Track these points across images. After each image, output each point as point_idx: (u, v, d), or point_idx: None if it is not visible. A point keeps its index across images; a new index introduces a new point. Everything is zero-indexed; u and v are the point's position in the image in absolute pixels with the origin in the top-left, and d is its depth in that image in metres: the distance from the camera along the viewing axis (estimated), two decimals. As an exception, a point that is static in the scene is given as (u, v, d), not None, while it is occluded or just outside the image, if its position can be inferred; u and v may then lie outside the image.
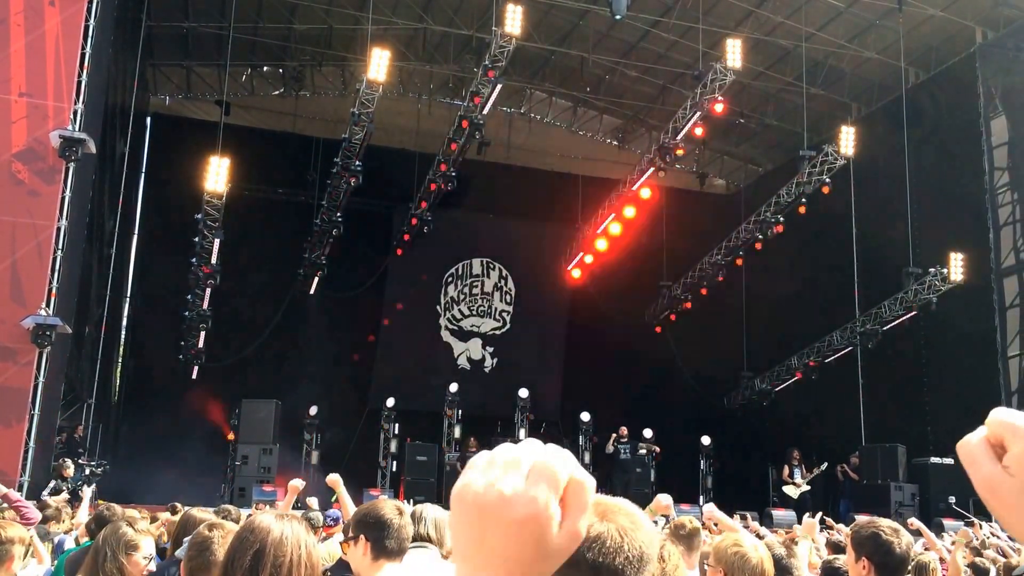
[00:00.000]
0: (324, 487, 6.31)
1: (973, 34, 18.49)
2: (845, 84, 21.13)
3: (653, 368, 22.84)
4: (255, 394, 17.75)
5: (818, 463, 17.67)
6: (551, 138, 24.57)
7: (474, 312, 23.53)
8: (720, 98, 17.15)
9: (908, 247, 17.88)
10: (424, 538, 3.47)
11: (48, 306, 11.78)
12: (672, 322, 23.45)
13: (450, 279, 23.50)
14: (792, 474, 17.90)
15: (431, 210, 19.76)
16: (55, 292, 11.92)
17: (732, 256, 20.91)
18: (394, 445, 18.86)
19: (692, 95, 17.93)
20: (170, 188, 20.47)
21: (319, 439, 18.77)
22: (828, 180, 18.25)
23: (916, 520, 9.66)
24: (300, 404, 18.52)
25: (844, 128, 18.01)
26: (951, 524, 13.41)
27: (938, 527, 12.89)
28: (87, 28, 12.51)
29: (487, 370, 23.17)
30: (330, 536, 6.78)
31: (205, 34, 20.41)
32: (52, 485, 11.88)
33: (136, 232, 21.55)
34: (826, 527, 10.09)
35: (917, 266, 17.68)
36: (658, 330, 23.71)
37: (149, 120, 22.04)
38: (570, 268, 23.18)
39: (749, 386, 22.30)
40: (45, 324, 11.56)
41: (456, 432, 18.75)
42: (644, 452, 18.52)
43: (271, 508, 7.01)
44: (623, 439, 18.56)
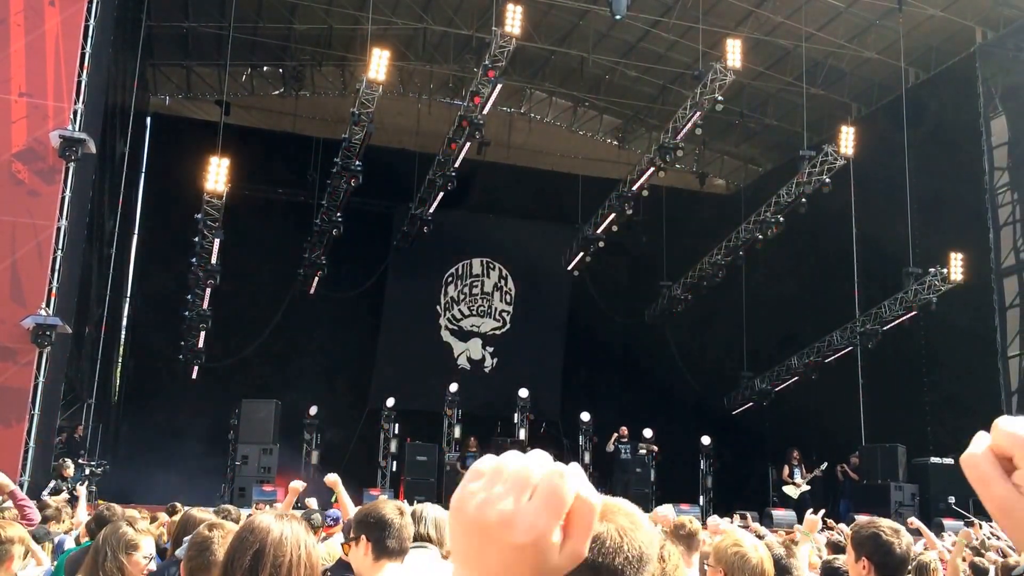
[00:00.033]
0: (324, 487, 6.30)
1: (973, 34, 18.49)
2: (845, 84, 21.13)
3: (653, 368, 22.84)
4: (255, 394, 17.76)
5: (818, 463, 17.65)
6: (551, 138, 24.56)
7: (474, 312, 23.52)
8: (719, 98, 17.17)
9: (908, 247, 17.87)
10: (425, 538, 3.47)
11: (48, 306, 11.78)
12: (672, 322, 23.45)
13: (450, 279, 23.49)
14: (792, 474, 17.89)
15: (431, 210, 19.77)
16: (55, 292, 11.92)
17: (732, 256, 20.89)
18: (394, 445, 18.84)
19: (692, 95, 17.92)
20: (170, 188, 20.44)
21: (319, 439, 18.75)
22: (828, 180, 18.24)
23: (916, 520, 9.67)
24: (300, 404, 18.50)
25: (844, 128, 17.98)
26: (951, 524, 13.42)
27: (938, 527, 12.89)
28: (87, 28, 12.51)
29: (487, 370, 23.16)
30: (330, 536, 6.78)
31: (205, 34, 20.41)
32: (52, 485, 11.87)
33: (136, 232, 21.54)
34: (826, 527, 10.09)
35: (917, 266, 17.67)
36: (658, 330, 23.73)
37: (149, 120, 22.05)
38: (570, 268, 23.17)
39: (749, 386, 22.28)
40: (45, 324, 11.57)
41: (456, 432, 18.73)
42: (644, 452, 18.51)
43: (271, 508, 7.00)
44: (623, 439, 18.56)
